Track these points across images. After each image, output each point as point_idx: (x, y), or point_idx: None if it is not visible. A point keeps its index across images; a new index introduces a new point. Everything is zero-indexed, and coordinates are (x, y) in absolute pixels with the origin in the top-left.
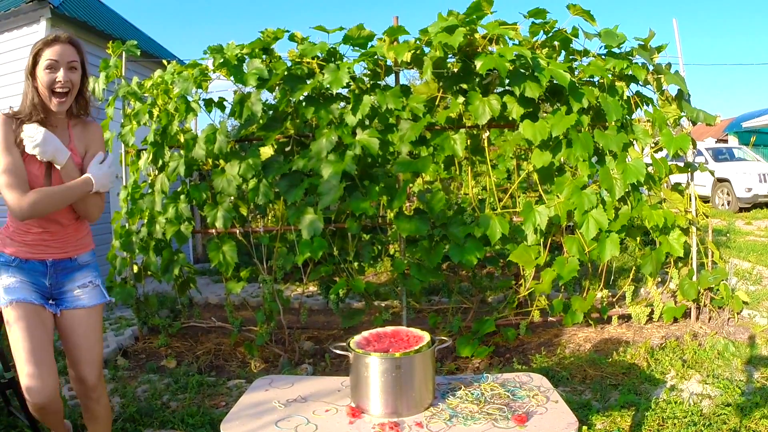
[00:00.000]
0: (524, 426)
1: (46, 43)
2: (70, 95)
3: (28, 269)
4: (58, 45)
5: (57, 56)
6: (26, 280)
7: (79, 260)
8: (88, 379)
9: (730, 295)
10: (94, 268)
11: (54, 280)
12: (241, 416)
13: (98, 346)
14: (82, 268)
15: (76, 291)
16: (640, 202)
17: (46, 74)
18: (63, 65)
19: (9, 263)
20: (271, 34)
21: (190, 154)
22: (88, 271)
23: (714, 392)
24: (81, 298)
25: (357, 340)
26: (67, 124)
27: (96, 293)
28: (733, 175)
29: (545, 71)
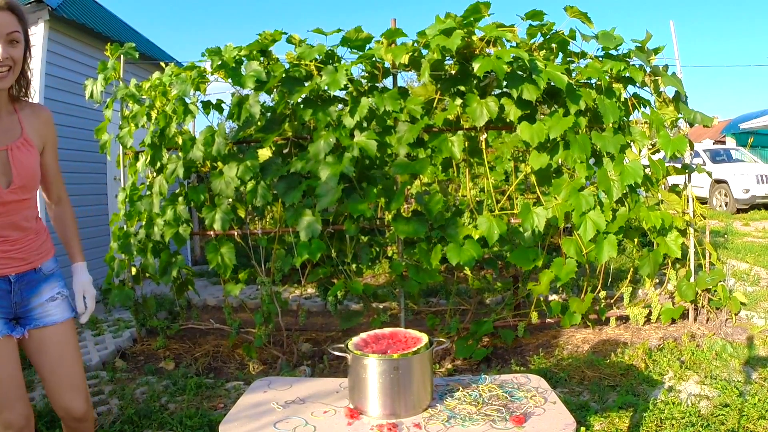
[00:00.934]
0: (522, 427)
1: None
2: (12, 73)
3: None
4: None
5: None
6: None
7: (43, 269)
8: (74, 409)
9: (727, 296)
10: (60, 276)
11: (19, 297)
12: (240, 418)
13: (78, 367)
14: (48, 278)
15: (45, 306)
16: (638, 204)
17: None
18: (2, 38)
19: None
20: (268, 36)
21: (188, 156)
22: (54, 281)
23: (712, 393)
24: (51, 313)
25: (355, 342)
26: (13, 108)
27: (66, 306)
28: (730, 176)
29: (543, 73)
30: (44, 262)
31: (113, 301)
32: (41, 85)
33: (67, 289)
